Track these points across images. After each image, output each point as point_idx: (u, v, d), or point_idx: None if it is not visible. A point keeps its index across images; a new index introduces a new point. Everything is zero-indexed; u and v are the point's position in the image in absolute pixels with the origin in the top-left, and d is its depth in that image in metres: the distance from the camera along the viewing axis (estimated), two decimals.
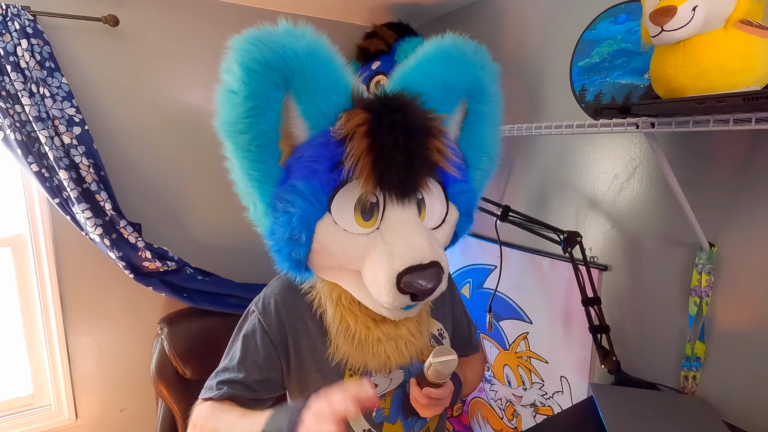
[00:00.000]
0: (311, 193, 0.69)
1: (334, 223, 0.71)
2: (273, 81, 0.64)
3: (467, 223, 0.87)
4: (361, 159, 0.66)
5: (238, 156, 0.69)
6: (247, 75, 0.62)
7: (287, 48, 0.64)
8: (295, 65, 0.65)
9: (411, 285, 0.68)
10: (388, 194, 0.71)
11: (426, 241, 0.72)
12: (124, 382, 1.53)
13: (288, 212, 0.70)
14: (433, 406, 0.81)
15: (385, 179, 0.68)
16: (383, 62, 1.49)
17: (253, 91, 0.63)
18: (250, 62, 0.62)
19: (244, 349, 0.82)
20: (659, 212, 1.06)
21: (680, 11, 0.66)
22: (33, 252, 1.37)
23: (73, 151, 1.24)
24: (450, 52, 0.79)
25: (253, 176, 0.70)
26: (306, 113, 0.70)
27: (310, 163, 0.69)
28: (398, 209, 0.73)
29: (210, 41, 1.52)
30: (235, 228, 1.63)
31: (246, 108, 0.64)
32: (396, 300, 0.70)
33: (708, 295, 0.96)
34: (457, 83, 0.80)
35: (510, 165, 1.43)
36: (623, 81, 1.05)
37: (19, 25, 1.16)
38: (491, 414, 1.58)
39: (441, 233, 0.81)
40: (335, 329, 0.82)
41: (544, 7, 1.28)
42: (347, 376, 0.83)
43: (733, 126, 0.70)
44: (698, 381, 0.99)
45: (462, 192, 0.82)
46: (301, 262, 0.75)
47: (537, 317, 1.37)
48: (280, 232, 0.72)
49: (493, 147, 0.88)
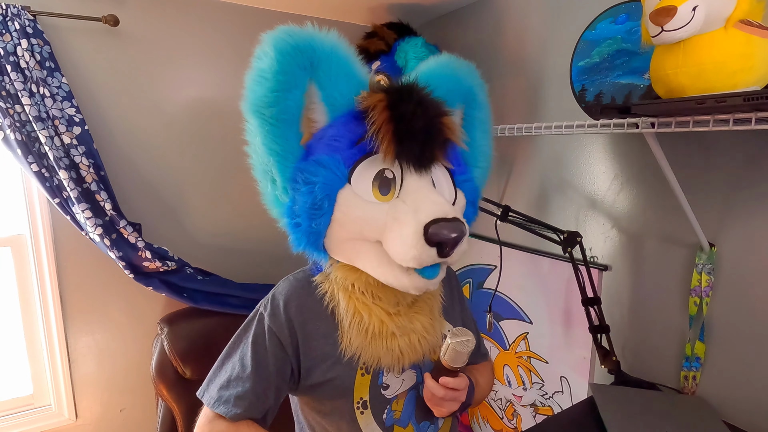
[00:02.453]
0: (333, 164, 0.74)
1: (355, 193, 0.75)
2: (302, 63, 0.71)
3: (472, 213, 0.91)
4: (383, 128, 0.72)
5: (263, 131, 0.74)
6: (280, 55, 0.70)
7: (316, 39, 0.73)
8: (321, 53, 0.73)
9: (437, 234, 0.71)
10: (405, 164, 0.76)
11: (446, 201, 0.76)
12: (124, 382, 1.53)
13: (310, 182, 0.74)
14: (450, 400, 0.80)
15: (405, 148, 0.73)
16: (383, 62, 1.49)
17: (283, 68, 0.70)
18: (284, 45, 0.70)
19: (255, 357, 0.80)
20: (659, 212, 1.06)
21: (680, 11, 0.66)
22: (33, 252, 1.37)
23: (73, 151, 1.24)
24: (449, 65, 0.89)
25: (274, 151, 0.74)
26: (326, 98, 0.76)
27: (332, 141, 0.75)
28: (416, 178, 0.77)
29: (210, 41, 1.52)
30: (235, 228, 1.63)
31: (275, 82, 0.71)
32: (424, 252, 0.72)
33: (708, 295, 0.96)
34: (456, 90, 0.88)
35: (510, 165, 1.43)
36: (623, 81, 1.05)
37: (19, 25, 1.16)
38: (491, 414, 1.58)
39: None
40: (348, 322, 0.81)
41: (544, 7, 1.28)
42: (359, 375, 0.82)
43: (733, 126, 0.70)
44: (698, 381, 0.99)
45: (466, 181, 0.87)
46: (320, 234, 0.77)
47: (537, 317, 1.37)
48: (300, 203, 0.75)
49: (488, 148, 0.95)
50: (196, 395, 0.83)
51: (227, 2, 1.54)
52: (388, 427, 0.85)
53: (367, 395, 0.83)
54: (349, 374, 0.81)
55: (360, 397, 0.82)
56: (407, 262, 0.74)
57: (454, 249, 0.75)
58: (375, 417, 0.83)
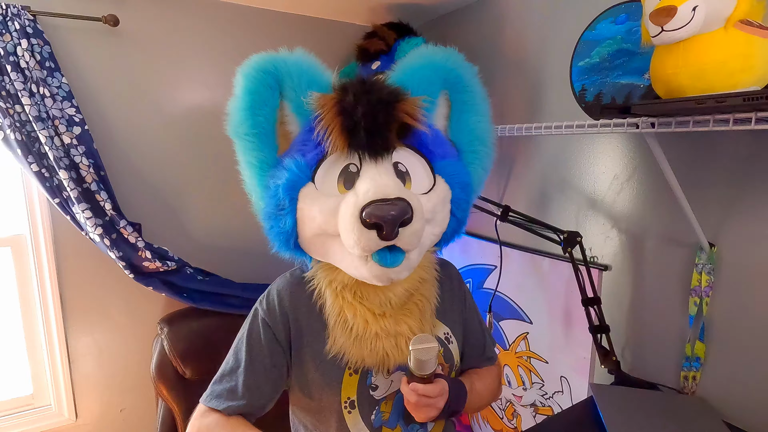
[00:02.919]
0: (296, 166, 0.77)
1: (316, 189, 0.78)
2: (266, 82, 0.78)
3: (464, 200, 0.86)
4: (331, 123, 0.75)
5: (241, 147, 0.80)
6: (246, 79, 0.78)
7: (278, 59, 0.80)
8: (284, 69, 0.79)
9: (372, 215, 0.69)
10: (361, 154, 0.76)
11: (393, 183, 0.75)
12: (124, 382, 1.53)
13: (276, 185, 0.78)
14: (424, 406, 0.77)
15: (354, 137, 0.74)
16: (383, 62, 1.49)
17: (249, 89, 0.78)
18: (249, 71, 0.79)
19: (249, 351, 0.82)
20: (659, 212, 1.06)
21: (680, 11, 0.66)
22: (33, 252, 1.37)
23: (73, 151, 1.24)
24: (424, 53, 0.89)
25: (251, 163, 0.80)
26: (296, 108, 0.81)
27: (300, 146, 0.79)
28: (373, 166, 0.77)
29: (210, 41, 1.52)
30: (235, 228, 1.63)
31: (244, 102, 0.78)
32: (362, 236, 0.70)
33: (708, 295, 0.96)
34: (435, 77, 0.86)
35: (510, 165, 1.43)
36: (623, 81, 1.05)
37: (19, 25, 1.16)
38: (491, 414, 1.58)
39: (426, 198, 0.80)
40: (333, 320, 0.82)
41: (544, 7, 1.28)
42: (347, 375, 0.82)
43: (733, 126, 0.70)
44: (698, 381, 0.99)
45: (450, 165, 0.84)
46: (289, 234, 0.79)
47: (537, 317, 1.37)
48: (270, 205, 0.79)
49: (482, 133, 0.90)
50: (196, 395, 0.84)
51: (227, 2, 1.54)
52: (377, 428, 0.84)
53: (355, 395, 0.83)
54: (337, 373, 0.82)
55: (347, 396, 0.83)
56: (352, 249, 0.73)
57: (394, 229, 0.70)
58: (363, 417, 0.84)
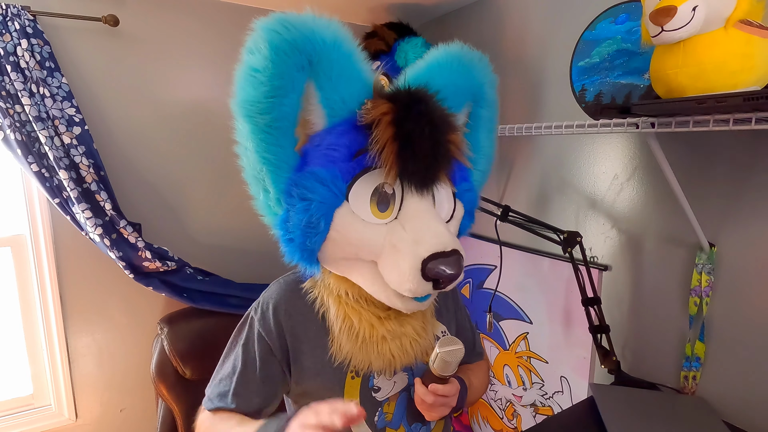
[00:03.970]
0: (331, 180, 0.68)
1: (352, 212, 0.71)
2: (299, 63, 0.64)
3: (468, 222, 0.89)
4: (387, 146, 0.66)
5: (255, 138, 0.67)
6: (276, 54, 0.62)
7: (316, 33, 0.65)
8: (321, 50, 0.65)
9: (435, 271, 0.68)
10: (407, 184, 0.71)
11: (446, 230, 0.73)
12: (124, 382, 1.53)
13: (306, 198, 0.68)
14: (440, 406, 0.78)
15: (409, 168, 0.69)
16: (383, 62, 1.50)
17: (279, 71, 0.63)
18: (279, 42, 0.62)
19: (244, 360, 0.80)
20: (659, 212, 1.06)
21: (680, 11, 0.66)
22: (33, 252, 1.37)
23: (73, 151, 1.24)
24: (460, 57, 0.82)
25: (268, 160, 0.68)
26: (325, 100, 0.69)
27: (329, 151, 0.69)
28: (417, 200, 0.73)
29: (210, 41, 1.52)
30: (235, 228, 1.63)
31: (271, 87, 0.63)
32: (420, 287, 0.70)
33: (708, 295, 0.96)
34: (465, 87, 0.83)
35: (510, 165, 1.43)
36: (623, 81, 1.05)
37: (19, 25, 1.16)
38: (491, 414, 1.58)
39: (451, 228, 0.81)
40: (338, 327, 0.80)
41: (544, 7, 1.28)
42: (348, 379, 0.81)
43: (733, 126, 0.70)
44: (698, 381, 0.99)
45: (467, 191, 0.83)
46: (314, 252, 0.74)
47: (537, 317, 1.37)
48: (295, 220, 0.70)
49: (490, 150, 0.91)
50: (196, 395, 0.84)
51: (228, 2, 1.54)
52: (380, 429, 0.84)
53: (358, 398, 0.82)
54: (339, 378, 0.81)
55: (350, 400, 0.82)
56: (402, 292, 0.72)
57: (450, 284, 0.72)
58: (366, 420, 0.83)
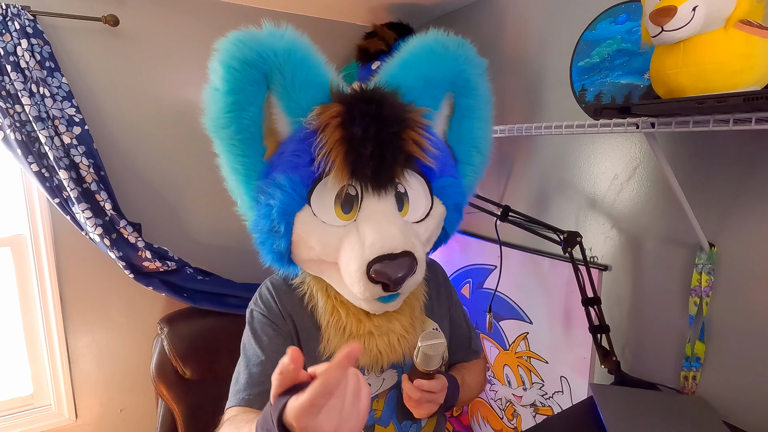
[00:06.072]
0: (290, 186, 0.71)
1: (313, 215, 0.73)
2: (252, 78, 0.68)
3: (456, 219, 0.87)
4: (333, 150, 0.68)
5: (223, 150, 0.73)
6: (227, 72, 0.67)
7: (266, 47, 0.68)
8: (273, 63, 0.68)
9: (380, 273, 0.69)
10: (363, 186, 0.72)
11: (399, 231, 0.72)
12: (124, 382, 1.53)
13: (269, 204, 0.72)
14: (426, 402, 0.78)
15: (358, 170, 0.69)
16: (383, 62, 1.49)
17: (233, 87, 0.67)
18: (230, 60, 0.67)
19: (260, 344, 0.80)
20: (659, 212, 1.06)
21: (680, 11, 0.66)
22: (33, 252, 1.37)
23: (73, 151, 1.24)
24: (431, 47, 0.81)
25: (237, 170, 0.73)
26: (287, 108, 0.73)
27: (292, 157, 0.71)
28: (375, 200, 0.73)
29: (210, 41, 1.49)
30: (235, 228, 1.61)
31: (227, 103, 0.68)
32: (367, 289, 0.71)
33: (708, 295, 0.96)
34: (439, 77, 0.81)
35: (510, 165, 1.43)
36: (623, 81, 1.05)
37: (19, 25, 1.16)
38: (491, 414, 1.58)
39: (424, 227, 0.80)
40: (326, 321, 0.81)
41: (544, 7, 1.28)
42: None
43: (733, 126, 0.70)
44: (698, 381, 0.99)
45: (448, 186, 0.82)
46: (283, 254, 0.76)
47: (537, 317, 1.37)
48: (262, 224, 0.74)
49: (482, 142, 0.88)
50: (196, 395, 0.83)
51: (228, 2, 1.54)
52: (369, 426, 0.84)
53: None
54: None
55: None
56: (354, 292, 0.73)
57: (399, 286, 0.72)
58: None
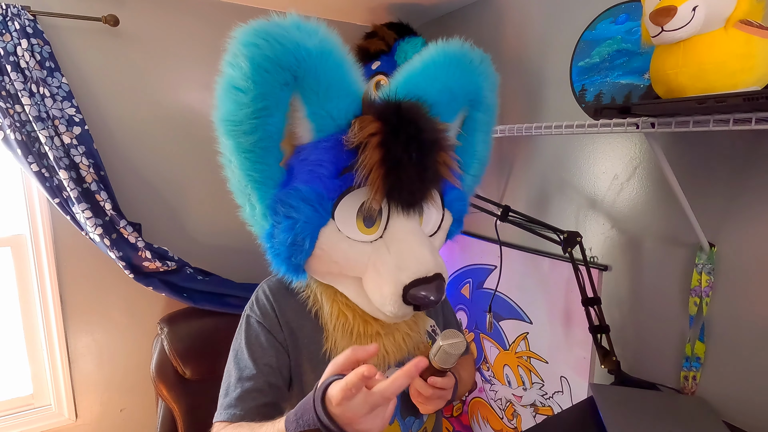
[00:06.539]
0: (316, 199, 0.67)
1: (338, 230, 0.71)
2: (283, 80, 0.60)
3: (457, 229, 0.89)
4: (374, 170, 0.66)
5: (239, 156, 0.66)
6: (257, 73, 0.58)
7: (300, 46, 0.60)
8: (307, 65, 0.61)
9: (416, 298, 0.69)
10: (394, 205, 0.71)
11: (430, 254, 0.73)
12: (124, 382, 1.53)
13: (291, 217, 0.68)
14: (436, 398, 0.79)
15: (395, 192, 0.68)
16: (383, 62, 1.49)
17: (262, 91, 0.60)
18: (261, 59, 0.58)
19: (252, 356, 0.78)
20: (659, 212, 1.06)
21: (680, 11, 0.66)
22: (33, 252, 1.37)
23: (73, 151, 1.24)
24: (459, 60, 0.79)
25: (253, 177, 0.68)
26: (312, 115, 0.67)
27: (315, 167, 0.68)
28: (403, 219, 0.73)
29: (210, 41, 1.51)
30: (235, 228, 1.62)
31: (255, 109, 0.60)
32: (400, 310, 0.72)
33: (708, 295, 0.96)
34: (463, 91, 0.81)
35: (510, 165, 1.43)
36: (623, 81, 1.05)
37: (19, 25, 1.16)
38: (491, 414, 1.58)
39: (437, 240, 0.82)
40: (332, 325, 0.81)
41: (544, 7, 1.28)
42: None
43: (733, 126, 0.70)
44: (698, 381, 0.99)
45: (457, 199, 0.84)
46: (300, 266, 0.75)
47: (537, 317, 1.37)
48: (281, 237, 0.70)
49: (485, 154, 0.90)
50: (196, 395, 0.83)
51: (228, 2, 1.54)
52: None
53: None
54: None
55: None
56: (384, 312, 0.74)
57: (431, 307, 0.74)
58: None
